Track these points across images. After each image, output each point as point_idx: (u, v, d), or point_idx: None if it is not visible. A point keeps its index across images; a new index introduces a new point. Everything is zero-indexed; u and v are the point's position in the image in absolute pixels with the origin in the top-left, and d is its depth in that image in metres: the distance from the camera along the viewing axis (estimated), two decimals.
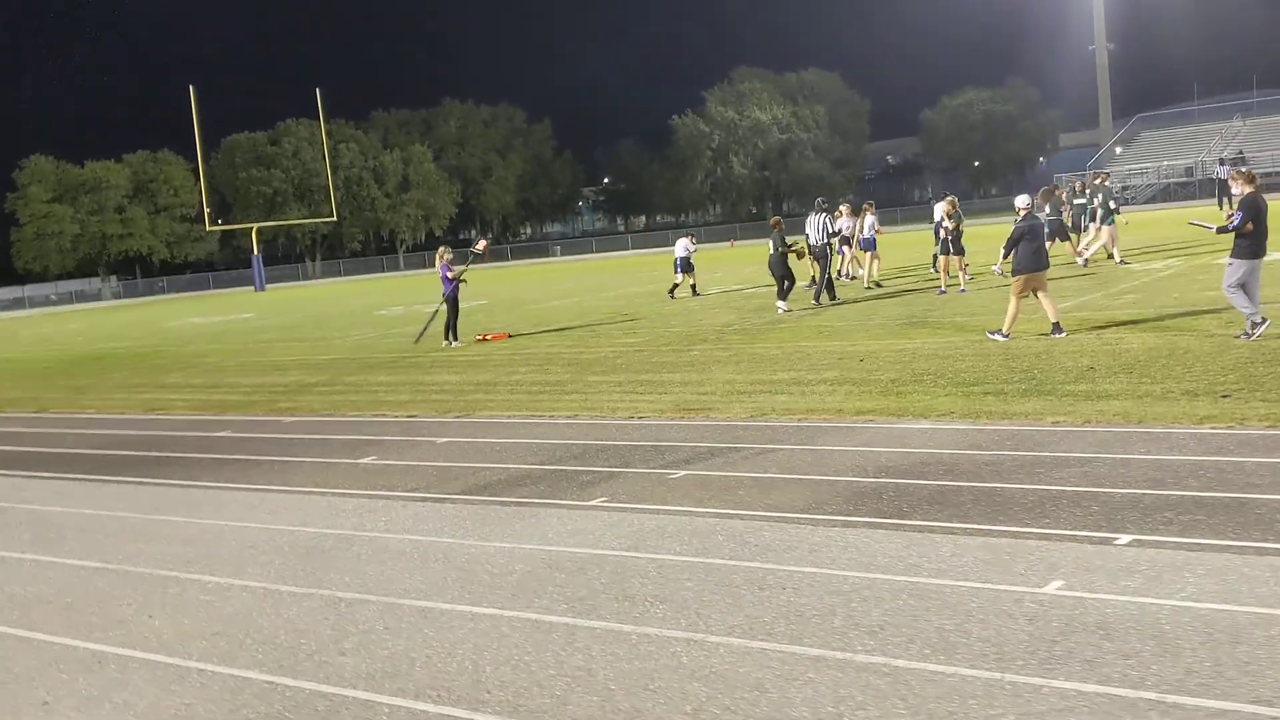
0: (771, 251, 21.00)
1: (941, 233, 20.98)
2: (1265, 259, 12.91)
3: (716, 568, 6.18)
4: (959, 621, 5.02)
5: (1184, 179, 79.47)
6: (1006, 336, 14.45)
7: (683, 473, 8.73)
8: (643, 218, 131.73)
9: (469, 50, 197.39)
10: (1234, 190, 13.34)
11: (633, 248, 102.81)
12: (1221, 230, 13.16)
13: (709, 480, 8.39)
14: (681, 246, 27.95)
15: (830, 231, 21.54)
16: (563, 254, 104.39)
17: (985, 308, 18.04)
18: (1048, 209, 24.15)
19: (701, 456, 9.28)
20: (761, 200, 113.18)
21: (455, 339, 20.87)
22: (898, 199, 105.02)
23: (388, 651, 5.39)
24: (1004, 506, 6.87)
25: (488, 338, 21.46)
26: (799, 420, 10.50)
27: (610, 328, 21.60)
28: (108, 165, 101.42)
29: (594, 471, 9.10)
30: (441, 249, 21.63)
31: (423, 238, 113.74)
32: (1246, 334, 12.51)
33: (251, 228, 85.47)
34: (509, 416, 12.49)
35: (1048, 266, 14.76)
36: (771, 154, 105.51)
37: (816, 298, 21.47)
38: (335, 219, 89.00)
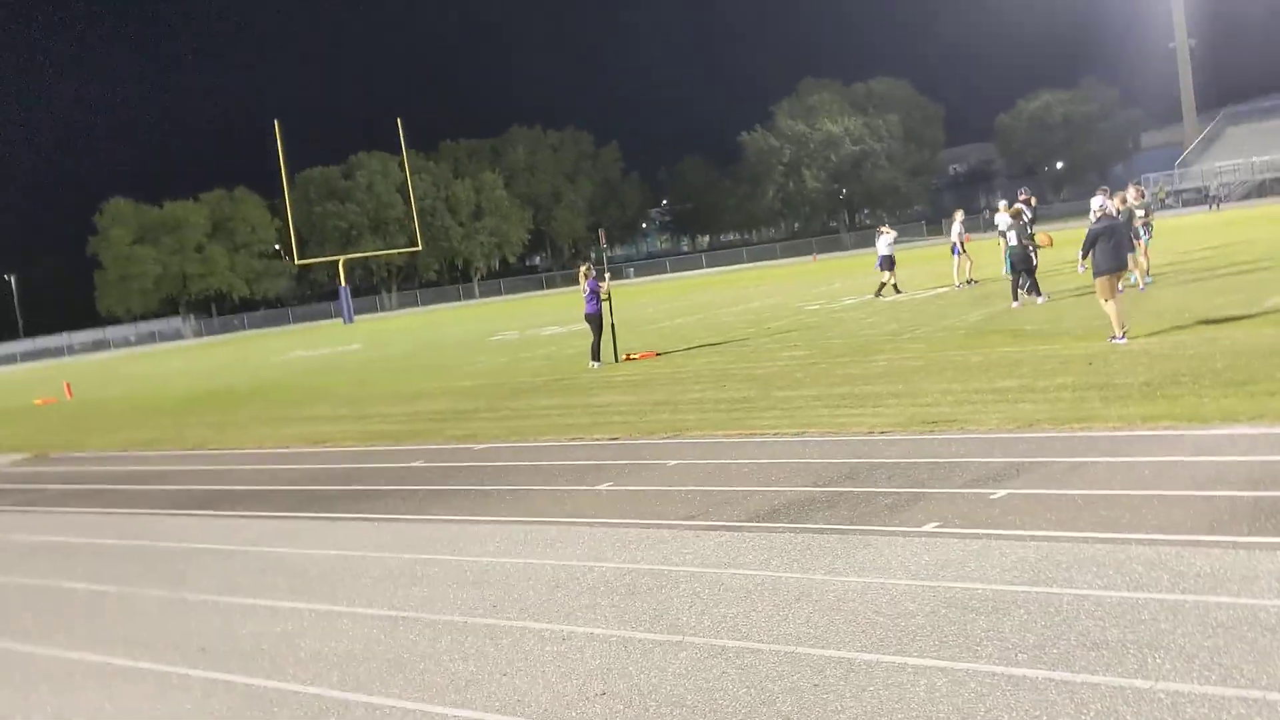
0: (1014, 243, 20.02)
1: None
2: None
3: (1180, 605, 5.20)
4: None
5: (1278, 174, 77.09)
6: (1123, 339, 13.95)
7: (1003, 492, 7.76)
8: (706, 237, 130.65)
9: (534, 76, 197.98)
10: None
11: (707, 266, 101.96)
12: None
13: (1044, 500, 7.41)
14: (885, 244, 26.88)
15: (1030, 229, 20.46)
16: (636, 275, 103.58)
17: (1178, 304, 16.86)
18: None
19: (1005, 474, 8.30)
20: (834, 213, 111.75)
21: (599, 360, 20.07)
22: (968, 207, 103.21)
23: (847, 715, 4.49)
24: None
25: (635, 356, 20.63)
26: (1082, 430, 9.48)
27: (763, 341, 20.67)
28: (186, 205, 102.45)
29: (891, 494, 8.15)
30: (585, 266, 20.80)
31: (496, 265, 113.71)
32: None
33: (338, 260, 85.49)
34: (725, 436, 11.60)
35: (1126, 267, 14.56)
36: (844, 165, 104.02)
37: (1033, 291, 20.38)
38: (419, 249, 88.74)
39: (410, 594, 7.15)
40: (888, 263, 26.67)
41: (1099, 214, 14.82)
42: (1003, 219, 20.71)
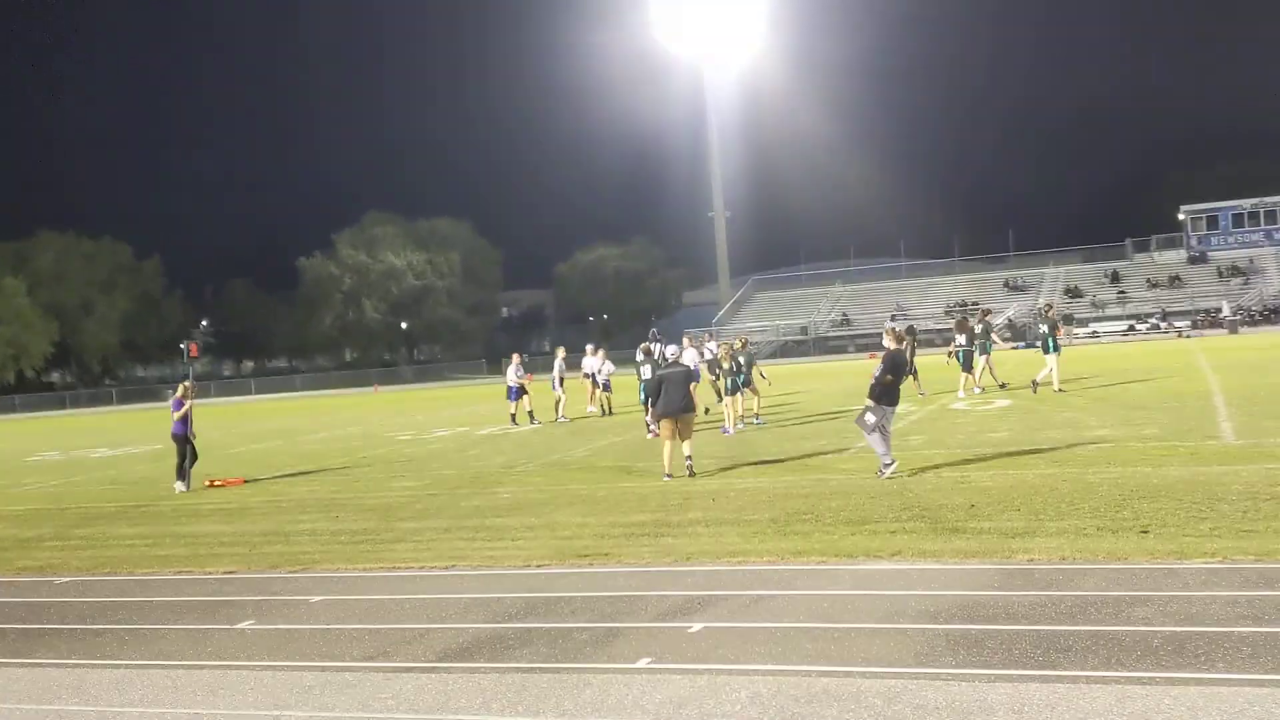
0: (648, 378, 20.09)
1: (718, 373, 21.16)
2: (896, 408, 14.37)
3: None
4: None
5: (800, 337, 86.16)
6: (670, 476, 15.08)
7: (699, 625, 7.70)
8: (251, 362, 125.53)
9: (67, 178, 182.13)
10: (885, 343, 14.71)
11: (256, 392, 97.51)
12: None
13: (745, 633, 7.42)
14: (513, 373, 27.28)
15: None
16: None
17: (776, 447, 17.97)
18: (961, 339, 25.29)
19: (690, 607, 8.26)
20: (394, 346, 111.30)
21: (184, 483, 18.32)
22: (523, 348, 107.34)
23: None
24: (1146, 651, 6.40)
25: (219, 483, 18.98)
26: (737, 564, 9.69)
27: (364, 470, 19.76)
28: None
29: (584, 629, 7.85)
30: (186, 383, 18.96)
31: (11, 379, 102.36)
32: (880, 472, 13.74)
33: None
34: (362, 570, 10.82)
35: (693, 410, 15.47)
36: (406, 299, 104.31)
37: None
38: None
39: None
40: (518, 391, 27.09)
41: (672, 358, 15.46)
42: (638, 355, 21.55)
